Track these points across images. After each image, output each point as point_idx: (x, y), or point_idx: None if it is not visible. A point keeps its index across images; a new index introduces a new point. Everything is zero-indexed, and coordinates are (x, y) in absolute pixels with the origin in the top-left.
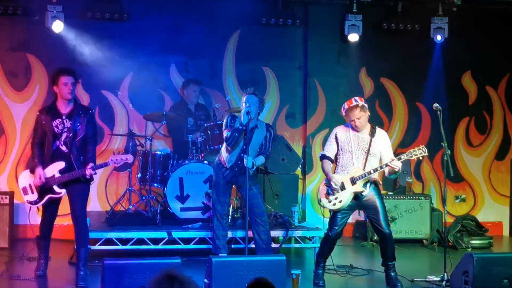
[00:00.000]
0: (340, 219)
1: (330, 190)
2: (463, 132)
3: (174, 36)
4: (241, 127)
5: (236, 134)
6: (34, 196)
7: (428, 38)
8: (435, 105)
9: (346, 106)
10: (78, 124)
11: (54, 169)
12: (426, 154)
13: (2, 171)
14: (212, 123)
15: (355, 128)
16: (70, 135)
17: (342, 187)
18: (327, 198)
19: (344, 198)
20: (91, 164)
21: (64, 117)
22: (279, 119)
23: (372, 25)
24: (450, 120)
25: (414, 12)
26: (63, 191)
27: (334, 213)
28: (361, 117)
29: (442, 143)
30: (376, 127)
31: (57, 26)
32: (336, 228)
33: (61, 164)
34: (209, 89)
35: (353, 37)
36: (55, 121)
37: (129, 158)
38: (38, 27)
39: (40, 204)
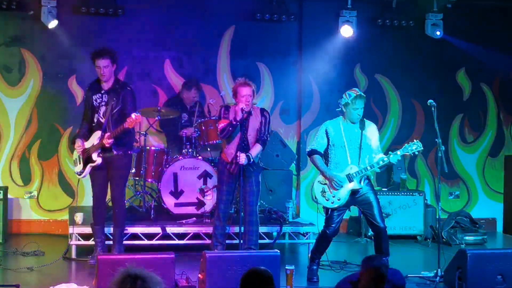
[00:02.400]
0: (337, 216)
1: (327, 188)
2: (457, 129)
3: (168, 31)
4: (235, 123)
5: (231, 129)
6: (79, 167)
7: (422, 35)
8: (430, 101)
9: (352, 93)
10: (114, 98)
11: (93, 139)
12: (422, 148)
13: None
14: (206, 119)
15: (353, 120)
16: (107, 108)
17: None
18: (324, 196)
19: (342, 196)
20: (108, 133)
21: (103, 92)
22: (274, 115)
23: (367, 21)
24: (444, 116)
25: (409, 8)
26: (99, 159)
27: (331, 211)
28: (363, 107)
29: (436, 140)
30: (365, 119)
31: (53, 24)
32: (333, 225)
33: (98, 133)
34: (203, 85)
35: (347, 32)
36: (96, 95)
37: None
38: (32, 22)
39: (84, 175)
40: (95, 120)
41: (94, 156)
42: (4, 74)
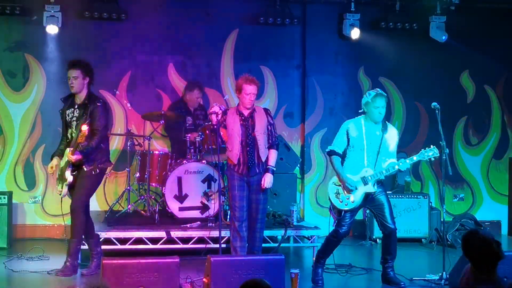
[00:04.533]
0: (349, 218)
1: (341, 190)
2: (461, 131)
3: (172, 35)
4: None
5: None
6: (59, 188)
7: (426, 37)
8: (433, 104)
9: (372, 92)
10: (84, 113)
11: (65, 156)
12: (438, 155)
13: (1, 171)
14: (210, 122)
15: (375, 120)
16: (78, 123)
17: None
18: (338, 198)
19: (356, 198)
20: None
21: (76, 107)
22: (277, 118)
23: (370, 24)
24: (449, 119)
25: (412, 11)
26: (71, 178)
27: (344, 212)
28: (384, 106)
29: (440, 142)
30: (387, 122)
31: (52, 29)
32: (345, 227)
33: (67, 150)
34: (207, 89)
35: (355, 34)
36: (69, 110)
37: None
38: (36, 27)
39: (64, 194)
40: (69, 135)
41: (67, 174)
42: (8, 79)
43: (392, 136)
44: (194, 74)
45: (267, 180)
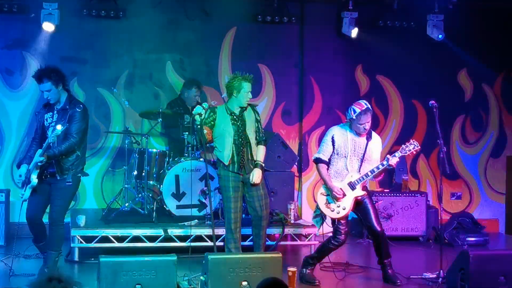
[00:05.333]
0: (345, 224)
1: (330, 199)
2: (459, 129)
3: (169, 33)
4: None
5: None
6: (23, 190)
7: (424, 35)
8: (431, 102)
9: (357, 109)
10: (63, 118)
11: (35, 158)
12: (419, 147)
13: None
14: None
15: (360, 133)
16: (56, 128)
17: (343, 195)
18: (329, 208)
19: (347, 205)
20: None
21: (55, 111)
22: (275, 116)
23: (368, 22)
24: (446, 117)
25: (410, 9)
26: (36, 180)
27: (337, 221)
28: (370, 121)
29: (438, 140)
30: (372, 131)
31: (49, 27)
32: (343, 234)
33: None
34: (205, 87)
35: (353, 32)
36: (48, 114)
37: None
38: (34, 25)
39: (25, 197)
40: (46, 139)
41: (33, 176)
42: (6, 77)
43: (376, 144)
44: (192, 72)
45: (256, 175)
